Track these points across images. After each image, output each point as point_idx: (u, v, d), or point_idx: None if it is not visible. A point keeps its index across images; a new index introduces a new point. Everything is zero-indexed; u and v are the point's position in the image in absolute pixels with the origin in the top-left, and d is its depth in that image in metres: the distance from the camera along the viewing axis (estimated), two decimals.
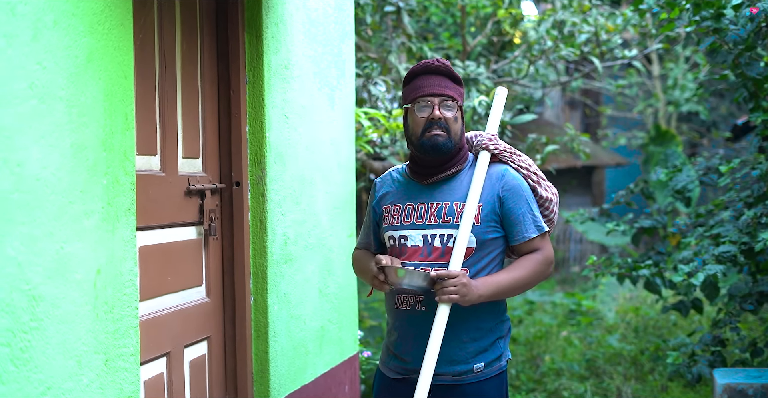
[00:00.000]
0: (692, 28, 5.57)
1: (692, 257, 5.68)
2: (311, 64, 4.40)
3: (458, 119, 3.30)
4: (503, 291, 3.23)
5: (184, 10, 3.54)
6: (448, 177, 3.34)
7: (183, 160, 3.52)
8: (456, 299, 3.12)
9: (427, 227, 3.29)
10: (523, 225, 3.28)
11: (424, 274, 3.12)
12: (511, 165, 3.37)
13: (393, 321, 3.41)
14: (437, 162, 3.31)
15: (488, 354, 3.28)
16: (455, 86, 3.34)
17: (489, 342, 3.29)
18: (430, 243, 3.28)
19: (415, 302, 3.28)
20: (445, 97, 3.29)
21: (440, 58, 3.41)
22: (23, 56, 2.29)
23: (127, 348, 2.77)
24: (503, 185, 3.29)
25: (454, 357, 3.25)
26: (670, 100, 15.54)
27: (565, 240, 17.45)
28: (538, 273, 3.31)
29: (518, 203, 3.28)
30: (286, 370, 4.06)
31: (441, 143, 3.25)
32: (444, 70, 3.33)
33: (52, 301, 2.40)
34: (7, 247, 2.22)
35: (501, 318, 3.34)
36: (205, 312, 3.67)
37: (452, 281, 3.11)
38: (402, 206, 3.37)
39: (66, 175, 2.46)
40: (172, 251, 3.41)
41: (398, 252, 3.34)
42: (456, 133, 3.28)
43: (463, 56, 8.47)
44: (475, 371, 3.25)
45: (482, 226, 3.25)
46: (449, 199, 3.30)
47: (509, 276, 3.24)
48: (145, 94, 3.20)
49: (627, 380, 7.45)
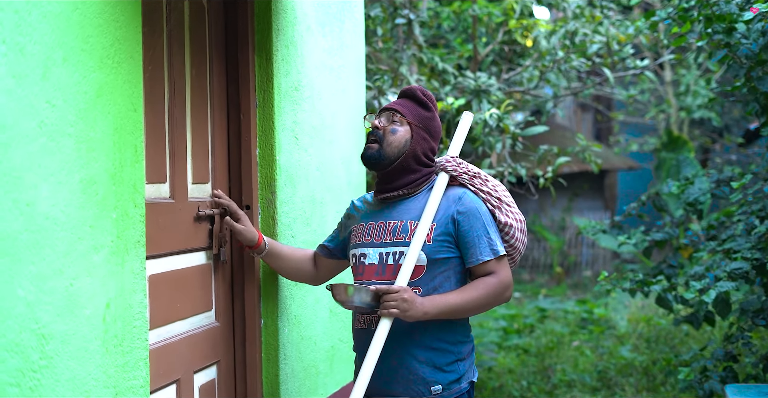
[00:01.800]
0: (704, 42, 5.55)
1: (704, 273, 5.65)
2: (321, 84, 4.39)
3: (398, 132, 3.39)
4: (452, 310, 3.26)
5: (193, 36, 3.54)
6: (405, 196, 3.42)
7: (192, 185, 3.52)
8: (396, 314, 3.18)
9: (383, 245, 3.38)
10: (478, 248, 3.32)
11: (367, 289, 3.21)
12: (470, 188, 3.42)
13: (355, 342, 3.49)
14: (383, 177, 3.43)
15: (446, 375, 3.32)
16: (413, 106, 3.45)
17: (446, 361, 3.33)
18: (384, 261, 3.36)
19: (371, 321, 3.36)
20: (390, 110, 3.41)
21: (417, 86, 3.52)
22: (33, 95, 2.29)
23: (137, 381, 2.77)
24: (459, 208, 3.34)
25: (409, 375, 3.30)
26: (682, 106, 15.48)
27: (577, 244, 17.42)
28: (491, 296, 3.32)
29: (473, 226, 3.32)
30: (296, 392, 4.06)
31: (368, 154, 3.39)
32: (409, 92, 3.48)
33: (62, 338, 2.40)
34: (16, 287, 2.22)
35: (459, 339, 3.38)
36: (215, 336, 3.66)
37: (393, 295, 3.18)
38: (365, 225, 3.47)
39: (75, 211, 2.46)
40: (181, 278, 3.41)
41: (357, 270, 3.44)
42: (390, 144, 3.38)
43: (473, 66, 8.46)
44: (433, 393, 3.29)
45: (434, 245, 3.30)
46: (405, 218, 3.38)
47: (459, 296, 3.27)
48: (154, 123, 3.20)
49: (639, 392, 7.42)
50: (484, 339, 8.98)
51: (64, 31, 2.43)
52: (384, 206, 3.48)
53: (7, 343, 2.18)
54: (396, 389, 3.31)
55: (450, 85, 7.46)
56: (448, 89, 7.41)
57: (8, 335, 2.19)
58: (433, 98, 3.52)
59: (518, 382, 7.95)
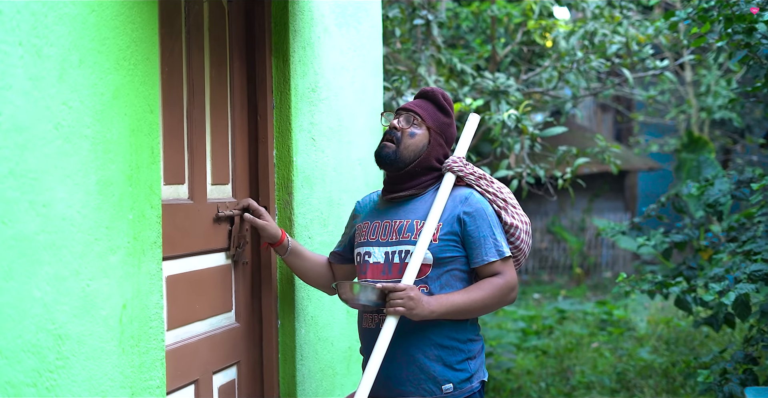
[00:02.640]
0: (724, 43, 5.52)
1: (724, 275, 5.63)
2: (339, 85, 4.40)
3: (416, 135, 3.41)
4: (458, 310, 3.28)
5: (213, 37, 3.54)
6: (413, 196, 3.45)
7: (212, 187, 3.53)
8: (403, 312, 3.21)
9: (388, 244, 3.41)
10: (483, 248, 3.34)
11: (373, 287, 3.24)
12: (477, 189, 3.44)
13: (362, 342, 3.52)
14: (394, 178, 3.45)
15: (456, 374, 3.35)
16: (433, 110, 3.47)
17: (456, 359, 3.35)
18: (390, 260, 3.39)
19: (380, 320, 3.37)
20: (411, 111, 3.42)
21: (438, 88, 3.54)
22: (49, 97, 2.30)
23: (153, 381, 2.78)
24: (465, 208, 3.37)
25: (419, 374, 3.32)
26: (702, 106, 15.40)
27: (597, 245, 17.38)
28: (497, 297, 3.35)
29: (479, 227, 3.35)
30: (313, 392, 4.06)
31: (384, 154, 3.41)
32: (430, 95, 3.50)
33: (78, 339, 2.41)
34: (33, 288, 2.23)
35: (469, 337, 3.40)
36: (235, 337, 3.67)
37: (399, 293, 3.20)
38: (371, 223, 3.50)
39: (91, 212, 2.47)
40: (200, 279, 3.42)
41: (362, 269, 3.47)
42: (407, 148, 3.40)
43: (492, 67, 8.45)
44: (444, 392, 3.32)
45: (440, 243, 3.33)
46: (411, 217, 3.40)
47: (465, 296, 3.29)
48: (173, 124, 3.20)
49: (658, 394, 7.40)
50: (503, 340, 8.97)
51: (81, 33, 2.44)
52: (390, 205, 3.50)
53: (23, 344, 2.19)
54: (407, 388, 3.33)
55: (468, 86, 7.45)
56: (467, 90, 7.40)
57: (25, 335, 2.20)
58: (452, 103, 3.54)
59: (537, 383, 7.93)
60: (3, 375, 2.13)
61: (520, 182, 7.06)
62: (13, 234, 2.16)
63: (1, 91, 2.13)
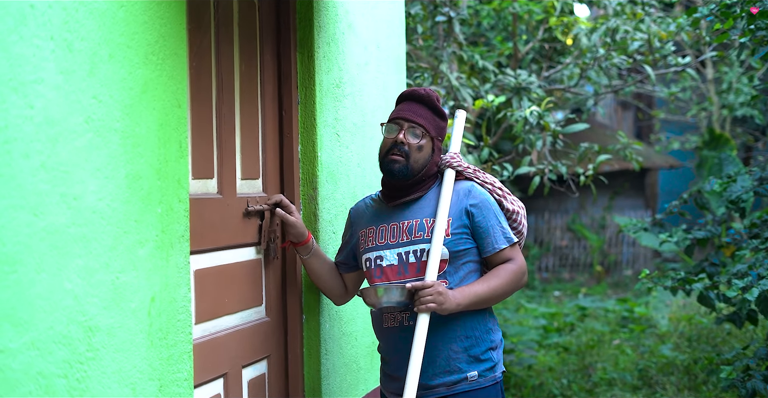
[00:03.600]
0: (746, 39, 5.50)
1: (747, 271, 5.61)
2: (362, 81, 4.41)
3: (423, 148, 3.46)
4: (481, 300, 3.38)
5: (243, 33, 3.56)
6: (416, 198, 3.50)
7: (242, 181, 3.55)
8: (434, 307, 3.28)
9: (400, 245, 3.47)
10: (493, 237, 3.45)
11: (401, 287, 3.29)
12: (476, 181, 3.53)
13: (385, 342, 3.57)
14: (400, 186, 3.49)
15: (481, 364, 3.43)
16: (432, 117, 3.52)
17: (480, 350, 3.43)
18: (405, 261, 3.45)
19: (402, 318, 3.45)
20: (416, 124, 3.46)
21: (430, 88, 3.59)
22: (80, 91, 2.32)
23: (181, 374, 2.80)
24: (471, 201, 3.46)
25: (446, 367, 3.40)
26: (724, 103, 15.33)
27: (617, 243, 17.33)
28: (513, 282, 3.46)
29: (486, 217, 3.45)
30: (337, 387, 4.08)
31: (396, 169, 3.44)
32: (426, 100, 3.53)
33: (108, 331, 2.43)
34: (64, 280, 2.25)
35: (489, 327, 3.48)
36: (265, 331, 3.69)
37: (428, 290, 3.27)
38: (376, 228, 3.55)
39: (121, 206, 2.49)
40: (230, 273, 3.44)
41: (375, 273, 3.51)
42: (417, 161, 3.45)
43: (514, 64, 8.44)
44: (469, 379, 3.40)
45: (453, 238, 3.41)
46: (419, 216, 3.47)
47: (486, 285, 3.39)
48: (202, 119, 3.22)
49: (680, 391, 7.38)
50: (524, 337, 8.96)
51: (110, 28, 2.46)
52: (393, 208, 3.56)
53: (55, 335, 2.22)
54: (433, 381, 3.40)
55: (490, 83, 7.45)
56: (489, 87, 7.40)
57: (56, 327, 2.22)
58: (440, 99, 3.64)
59: (558, 380, 7.93)
60: (35, 366, 2.16)
61: (542, 178, 7.05)
62: (44, 226, 2.19)
63: (34, 84, 2.16)
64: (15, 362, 2.09)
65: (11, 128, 2.09)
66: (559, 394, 7.58)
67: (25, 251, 2.13)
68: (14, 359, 2.09)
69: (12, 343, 2.09)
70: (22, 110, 2.12)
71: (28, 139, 2.14)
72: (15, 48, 2.11)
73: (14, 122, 2.10)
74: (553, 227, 17.39)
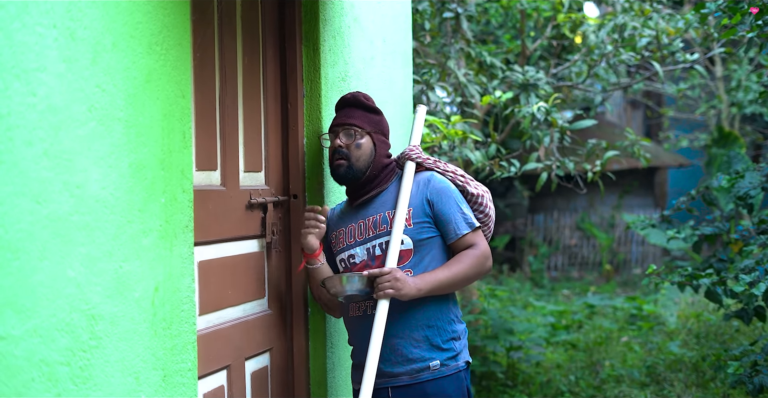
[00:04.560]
0: (755, 34, 5.49)
1: (754, 267, 5.59)
2: (368, 75, 4.41)
3: (362, 145, 3.55)
4: (443, 285, 3.43)
5: (245, 25, 3.57)
6: (377, 194, 3.59)
7: (245, 174, 3.55)
8: (392, 293, 3.34)
9: (367, 240, 3.55)
10: (455, 223, 3.49)
11: (361, 276, 3.36)
12: (437, 171, 3.60)
13: (351, 332, 3.63)
14: (356, 185, 3.59)
15: (443, 353, 3.47)
16: (363, 114, 3.61)
17: (442, 340, 3.48)
18: (372, 254, 3.52)
19: (366, 307, 3.51)
20: (347, 125, 3.56)
21: (356, 91, 3.69)
22: (83, 80, 2.33)
23: (185, 364, 2.80)
24: (430, 189, 3.52)
25: (409, 355, 3.45)
26: (733, 101, 15.28)
27: (626, 242, 17.30)
28: (476, 267, 3.50)
29: (447, 204, 3.50)
30: (343, 381, 4.07)
31: (342, 172, 3.54)
32: (353, 101, 3.63)
33: (111, 319, 2.43)
34: (67, 268, 2.26)
35: (452, 318, 3.53)
36: (267, 324, 3.69)
37: (385, 276, 3.34)
38: (345, 229, 3.63)
39: (124, 195, 2.49)
40: (233, 265, 3.44)
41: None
42: (359, 159, 3.54)
43: (522, 61, 8.43)
44: (432, 368, 3.44)
45: (414, 227, 3.47)
46: (382, 210, 3.55)
47: (447, 271, 3.44)
48: (205, 110, 3.23)
49: (688, 387, 7.36)
50: (532, 334, 8.94)
51: (114, 17, 2.46)
52: (359, 207, 3.63)
53: (57, 322, 2.22)
54: (396, 369, 3.45)
55: (498, 80, 7.44)
56: (496, 83, 7.40)
57: (59, 314, 2.23)
58: (371, 98, 3.70)
59: (566, 377, 7.92)
60: (37, 354, 2.16)
61: (550, 175, 7.04)
62: (47, 214, 2.19)
63: (36, 72, 2.16)
64: (17, 349, 2.10)
65: (14, 115, 2.09)
66: (567, 391, 7.57)
67: (28, 238, 2.13)
68: (17, 346, 2.09)
69: (14, 330, 2.09)
70: (24, 98, 2.12)
71: (30, 126, 2.14)
72: (18, 35, 2.12)
73: (17, 110, 2.10)
74: (562, 225, 17.37)
